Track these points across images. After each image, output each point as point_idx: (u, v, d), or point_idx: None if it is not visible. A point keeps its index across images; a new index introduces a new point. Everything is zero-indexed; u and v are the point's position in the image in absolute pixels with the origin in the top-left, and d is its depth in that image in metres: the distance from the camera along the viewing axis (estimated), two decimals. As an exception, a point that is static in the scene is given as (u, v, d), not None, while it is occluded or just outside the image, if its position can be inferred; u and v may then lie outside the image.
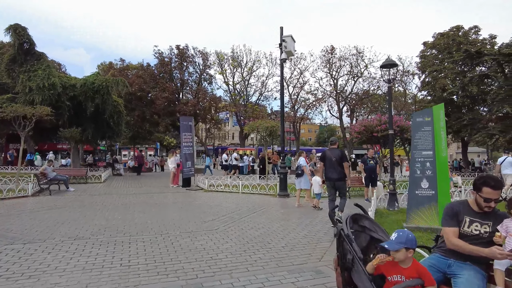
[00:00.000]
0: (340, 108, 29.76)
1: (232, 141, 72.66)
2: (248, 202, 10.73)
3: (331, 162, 7.21)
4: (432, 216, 6.46)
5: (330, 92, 29.65)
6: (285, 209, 9.50)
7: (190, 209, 9.19)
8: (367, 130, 15.52)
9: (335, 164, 7.18)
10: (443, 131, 6.49)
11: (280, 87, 12.64)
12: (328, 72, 29.29)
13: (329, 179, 7.31)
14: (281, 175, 12.24)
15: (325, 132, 79.19)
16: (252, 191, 13.05)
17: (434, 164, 6.53)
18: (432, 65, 28.73)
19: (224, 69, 32.63)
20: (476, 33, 27.81)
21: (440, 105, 6.74)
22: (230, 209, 9.16)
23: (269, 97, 33.52)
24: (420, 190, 6.62)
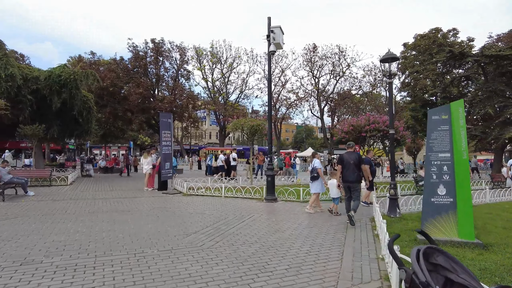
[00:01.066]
0: (322, 108, 29.23)
1: (209, 140, 71.16)
2: (234, 208, 9.67)
3: (349, 164, 7.74)
4: (451, 227, 5.69)
5: (311, 91, 29.07)
6: (276, 216, 8.51)
7: (168, 218, 8.02)
8: (355, 130, 14.91)
9: (352, 167, 7.72)
10: (463, 130, 5.73)
11: (268, 82, 11.66)
12: (309, 71, 28.69)
13: (346, 181, 7.90)
14: (269, 177, 11.27)
15: (303, 133, 79.24)
16: (236, 195, 12.00)
17: (452, 167, 5.76)
18: (412, 66, 28.75)
19: (203, 65, 31.32)
20: (454, 35, 28.05)
21: (459, 101, 5.98)
22: (215, 218, 8.07)
23: (250, 95, 32.61)
24: (436, 197, 5.83)
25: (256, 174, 18.94)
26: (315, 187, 9.06)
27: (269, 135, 11.69)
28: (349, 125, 15.16)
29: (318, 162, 9.24)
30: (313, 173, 9.09)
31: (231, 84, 32.19)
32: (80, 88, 19.37)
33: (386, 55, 8.62)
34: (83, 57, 30.06)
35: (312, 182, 9.15)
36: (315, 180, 9.03)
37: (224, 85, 32.15)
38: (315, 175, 9.02)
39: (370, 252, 5.41)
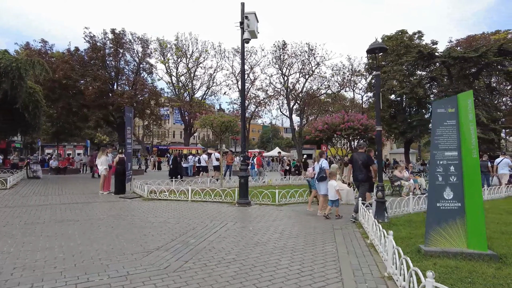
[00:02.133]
0: (291, 107, 28.65)
1: (173, 139, 68.68)
2: (203, 214, 8.49)
3: (358, 164, 8.10)
4: (459, 236, 4.95)
5: (280, 89, 28.39)
6: (253, 223, 7.46)
7: (125, 230, 6.68)
8: (329, 128, 14.25)
9: (361, 167, 8.05)
10: (472, 126, 5.02)
11: (241, 74, 10.58)
12: (279, 68, 28.00)
13: (356, 180, 8.31)
14: (241, 179, 10.20)
15: (269, 132, 78.94)
16: (205, 199, 10.80)
17: (460, 168, 5.03)
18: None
19: (167, 58, 29.48)
20: (419, 38, 28.67)
21: (468, 92, 5.28)
22: (182, 228, 6.86)
23: (217, 92, 31.27)
24: (442, 202, 5.07)
25: (225, 175, 17.79)
26: (324, 188, 8.54)
27: (243, 132, 10.63)
28: (324, 123, 14.48)
29: (326, 162, 8.82)
30: (321, 174, 8.56)
31: (197, 79, 30.70)
32: (25, 78, 17.08)
33: (373, 44, 7.90)
34: (31, 45, 27.07)
35: (319, 183, 8.67)
36: (323, 181, 8.53)
37: (190, 80, 30.52)
38: (323, 176, 8.49)
39: (372, 269, 4.53)
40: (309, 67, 27.20)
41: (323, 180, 8.50)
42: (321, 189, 8.67)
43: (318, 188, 8.85)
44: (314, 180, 9.01)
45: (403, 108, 28.49)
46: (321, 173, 8.57)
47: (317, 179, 8.70)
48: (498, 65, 19.65)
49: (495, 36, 29.90)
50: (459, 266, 4.40)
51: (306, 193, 11.24)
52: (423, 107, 27.07)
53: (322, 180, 8.53)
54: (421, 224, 7.27)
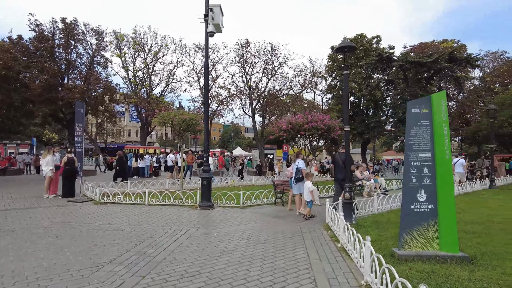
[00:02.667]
0: (253, 107, 28.35)
1: (128, 138, 65.68)
2: (162, 220, 7.82)
3: (339, 164, 8.35)
4: (431, 238, 4.86)
5: (243, 88, 27.98)
6: (217, 229, 6.96)
7: (72, 240, 5.87)
8: (293, 128, 14.10)
9: (342, 166, 8.20)
10: (445, 126, 4.95)
11: (205, 69, 10.04)
12: (241, 67, 27.59)
13: (337, 179, 8.58)
14: (204, 180, 9.63)
15: (231, 132, 78.30)
16: (164, 202, 10.07)
17: (433, 169, 4.94)
18: (340, 69, 29.68)
19: (124, 52, 27.77)
20: (378, 42, 29.79)
21: (441, 92, 5.21)
22: (138, 236, 6.18)
23: (177, 88, 30.05)
24: (416, 204, 4.95)
25: (185, 175, 17.00)
26: (298, 188, 8.68)
27: (206, 131, 10.07)
28: (288, 123, 14.30)
29: (302, 162, 8.84)
30: (298, 174, 8.61)
31: (156, 75, 29.27)
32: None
33: (342, 43, 7.73)
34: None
35: (296, 183, 8.74)
36: (300, 182, 8.62)
37: (148, 76, 29.02)
38: (300, 176, 8.56)
39: (348, 277, 4.26)
40: (272, 67, 27.11)
41: (301, 181, 8.57)
42: (298, 189, 8.75)
43: (294, 188, 8.93)
44: (292, 180, 9.04)
45: (361, 110, 29.40)
46: (298, 174, 8.62)
47: (294, 180, 8.73)
48: (448, 71, 20.88)
49: (443, 44, 31.94)
50: (435, 270, 4.27)
51: (271, 194, 10.94)
52: (380, 109, 28.14)
53: (300, 181, 8.61)
54: (388, 225, 7.24)
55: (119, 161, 16.33)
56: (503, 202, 11.14)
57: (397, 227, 7.25)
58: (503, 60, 33.42)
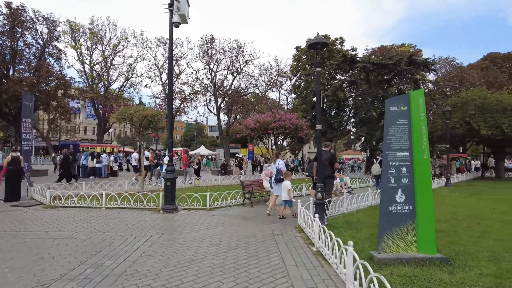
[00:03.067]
0: (218, 105, 27.72)
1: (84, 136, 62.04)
2: (121, 225, 7.14)
3: (323, 162, 7.90)
4: (409, 240, 4.74)
5: (207, 85, 27.26)
6: (183, 234, 6.43)
7: (14, 253, 5.08)
8: (261, 127, 13.76)
9: (326, 164, 8.19)
10: (424, 125, 4.85)
11: (169, 61, 9.39)
12: (206, 64, 26.84)
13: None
14: (168, 181, 9.01)
15: (194, 130, 76.58)
16: (123, 205, 9.30)
17: (411, 169, 4.82)
18: (305, 69, 29.96)
19: (79, 43, 25.83)
20: (341, 43, 30.42)
21: (419, 90, 5.11)
22: (95, 245, 5.50)
23: (138, 84, 28.57)
24: (394, 206, 4.80)
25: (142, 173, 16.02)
26: (279, 189, 8.48)
27: (170, 127, 9.44)
28: (255, 122, 13.94)
29: (283, 163, 8.82)
30: (278, 175, 8.55)
31: (114, 69, 27.58)
32: None
33: (315, 39, 7.54)
34: None
35: (276, 184, 8.66)
36: (280, 182, 8.49)
37: (106, 70, 27.27)
38: (281, 177, 8.49)
39: (328, 284, 3.99)
40: (238, 65, 26.66)
41: (281, 181, 8.45)
42: (277, 190, 8.63)
43: (273, 188, 8.86)
44: (272, 181, 8.97)
45: (324, 110, 29.87)
46: (278, 174, 8.58)
47: (274, 181, 8.67)
48: (407, 73, 21.76)
49: (401, 48, 33.40)
50: (416, 274, 4.12)
51: (239, 194, 10.54)
52: (342, 110, 28.76)
53: (280, 182, 8.50)
54: (360, 226, 7.14)
55: (64, 162, 15.02)
56: (461, 199, 11.63)
57: (369, 227, 7.23)
58: (453, 66, 35.65)
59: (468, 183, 19.64)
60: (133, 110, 10.32)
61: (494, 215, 8.48)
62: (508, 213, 8.79)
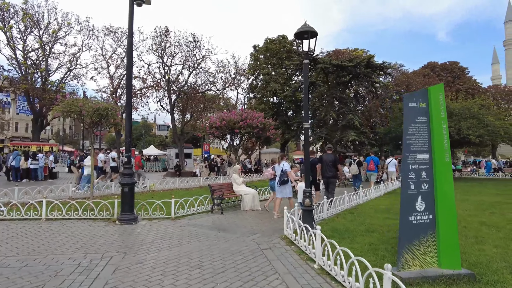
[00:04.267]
0: (172, 101, 25.96)
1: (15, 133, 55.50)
2: (68, 243, 5.71)
3: (327, 164, 9.47)
4: (430, 254, 4.13)
5: (160, 80, 25.36)
6: (151, 253, 5.23)
7: None
8: (227, 126, 12.78)
9: (329, 166, 9.49)
10: (444, 124, 4.28)
11: (128, 46, 8.01)
12: (160, 57, 24.97)
13: (324, 177, 9.66)
14: (125, 187, 7.63)
15: (141, 129, 72.36)
16: (69, 215, 7.72)
17: (431, 173, 4.22)
18: (263, 69, 29.41)
19: (9, 25, 22.36)
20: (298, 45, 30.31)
21: (439, 85, 4.52)
22: (32, 278, 4.11)
23: (82, 76, 25.66)
24: (415, 215, 4.16)
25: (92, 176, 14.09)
26: (284, 191, 8.49)
27: (128, 122, 8.03)
28: (221, 120, 12.91)
29: (288, 165, 8.66)
30: (283, 177, 8.43)
31: (54, 58, 24.35)
32: None
33: (302, 27, 6.75)
34: None
35: (280, 186, 8.51)
36: (284, 184, 8.45)
37: (44, 58, 24.02)
38: (285, 179, 8.43)
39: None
40: (194, 60, 25.20)
41: (285, 184, 8.41)
42: (282, 192, 8.49)
43: (277, 190, 8.63)
44: (275, 183, 8.82)
45: (282, 111, 29.61)
46: (283, 176, 8.41)
47: (278, 183, 8.50)
48: (365, 76, 22.21)
49: (355, 52, 34.40)
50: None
51: (207, 200, 9.43)
52: (300, 111, 28.69)
53: (285, 184, 8.42)
54: (350, 234, 6.51)
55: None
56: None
57: (361, 235, 6.61)
58: (401, 71, 37.68)
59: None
60: (83, 102, 8.69)
61: (470, 218, 8.41)
62: (479, 215, 8.82)
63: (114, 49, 24.87)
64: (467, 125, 20.88)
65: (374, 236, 6.41)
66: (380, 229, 7.00)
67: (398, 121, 24.08)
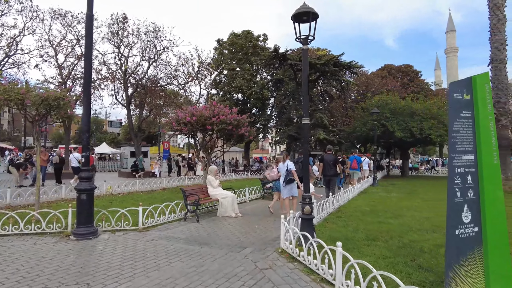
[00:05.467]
0: (129, 95, 23.88)
1: None
2: (3, 273, 4.29)
3: (329, 163, 10.93)
4: (478, 274, 3.44)
5: (116, 71, 23.18)
6: (122, 282, 4.02)
7: None
8: (198, 122, 11.53)
9: (330, 165, 10.92)
10: (492, 121, 3.61)
11: (86, 19, 6.57)
12: (116, 46, 22.81)
13: (326, 175, 11.18)
14: (83, 193, 6.22)
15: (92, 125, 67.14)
16: (4, 231, 6.15)
17: (477, 178, 3.54)
18: (228, 64, 28.25)
19: None
20: (264, 41, 29.62)
21: (484, 74, 3.82)
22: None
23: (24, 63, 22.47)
24: (461, 228, 3.44)
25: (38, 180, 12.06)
26: (288, 191, 8.32)
27: (86, 116, 6.60)
28: (191, 115, 11.64)
29: (292, 164, 8.50)
30: (289, 176, 8.24)
31: (-14, 39, 20.96)
32: None
33: (302, 8, 5.86)
34: None
35: (285, 185, 8.30)
36: (290, 183, 8.27)
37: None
38: (291, 178, 8.25)
39: None
40: (154, 51, 23.37)
41: (291, 183, 8.28)
42: (288, 192, 8.32)
43: (283, 191, 8.42)
44: (280, 182, 8.60)
45: (248, 108, 28.72)
46: (288, 176, 8.26)
47: (284, 182, 8.31)
48: (333, 75, 22.02)
49: (318, 52, 34.45)
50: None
51: (179, 206, 8.22)
52: (266, 108, 27.97)
53: (290, 183, 8.28)
54: (351, 244, 5.74)
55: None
56: (408, 201, 11.43)
57: (366, 245, 5.80)
58: (361, 72, 38.50)
59: (387, 182, 20.57)
60: (26, 89, 7.05)
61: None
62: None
63: (63, 35, 22.21)
64: (428, 125, 21.50)
65: (379, 245, 5.72)
66: (380, 236, 6.36)
67: (362, 120, 24.27)
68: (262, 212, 9.33)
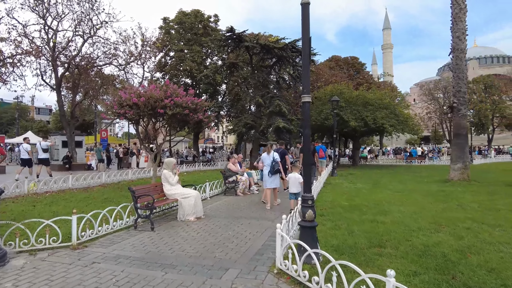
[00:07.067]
0: (58, 76, 20.42)
1: None
2: None
3: None
4: None
5: (42, 47, 19.57)
6: None
7: None
8: (147, 104, 9.59)
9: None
10: None
11: None
12: (41, 17, 19.15)
13: None
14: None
15: (14, 111, 58.66)
16: None
17: None
18: (175, 44, 25.77)
19: None
20: (215, 22, 27.58)
21: None
22: None
23: None
24: None
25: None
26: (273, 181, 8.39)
27: None
28: (138, 95, 9.65)
29: (277, 155, 8.65)
30: (276, 167, 8.38)
31: None
32: None
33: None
34: None
35: (271, 176, 8.37)
36: (275, 174, 8.41)
37: None
38: (278, 168, 8.43)
39: None
40: (90, 25, 20.15)
41: (277, 173, 8.44)
42: (272, 182, 8.37)
43: (266, 180, 8.46)
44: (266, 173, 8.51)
45: (197, 94, 26.65)
46: (275, 166, 8.37)
47: (270, 172, 8.36)
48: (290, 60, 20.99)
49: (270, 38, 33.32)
50: None
51: (127, 210, 6.39)
52: (218, 95, 26.17)
53: (277, 173, 8.43)
54: (361, 255, 4.59)
55: None
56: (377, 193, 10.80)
57: (377, 254, 4.66)
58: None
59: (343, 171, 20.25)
60: None
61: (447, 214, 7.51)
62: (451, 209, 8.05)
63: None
64: (381, 115, 21.64)
65: (392, 254, 4.64)
66: (384, 240, 5.32)
67: (316, 110, 23.78)
68: (229, 212, 7.91)
